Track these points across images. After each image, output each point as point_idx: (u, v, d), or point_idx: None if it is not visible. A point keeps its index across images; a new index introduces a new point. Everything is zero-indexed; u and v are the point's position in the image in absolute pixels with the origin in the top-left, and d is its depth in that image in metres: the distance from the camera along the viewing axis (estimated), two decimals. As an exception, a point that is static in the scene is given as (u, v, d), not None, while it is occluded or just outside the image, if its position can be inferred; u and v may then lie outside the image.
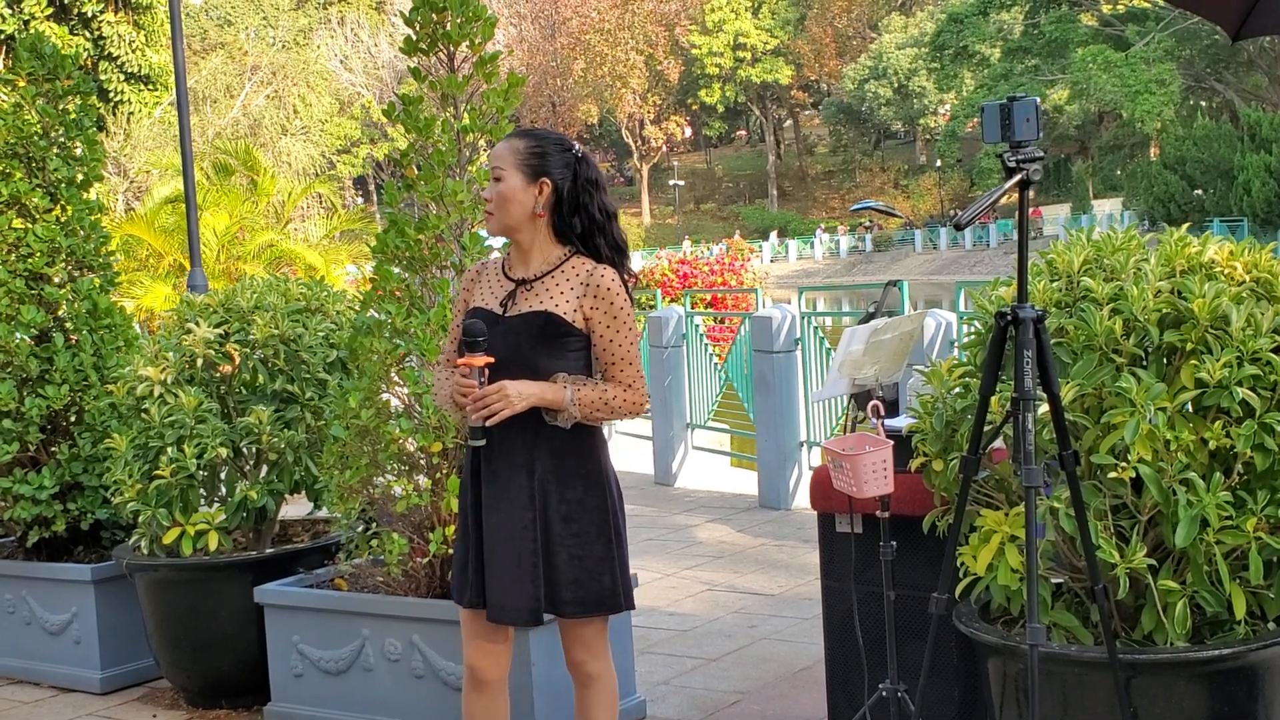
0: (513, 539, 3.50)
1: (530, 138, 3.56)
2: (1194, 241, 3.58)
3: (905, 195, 76.93)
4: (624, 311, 3.49)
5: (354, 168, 68.31)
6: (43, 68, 6.17)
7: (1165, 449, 3.28)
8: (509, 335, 3.47)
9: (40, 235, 6.02)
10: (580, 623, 3.58)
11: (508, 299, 3.53)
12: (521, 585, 3.49)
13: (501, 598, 3.52)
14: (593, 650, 3.63)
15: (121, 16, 29.95)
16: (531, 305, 3.50)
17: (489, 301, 3.56)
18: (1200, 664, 3.26)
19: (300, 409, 5.54)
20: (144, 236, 18.53)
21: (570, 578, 3.50)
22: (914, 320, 4.27)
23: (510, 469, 3.51)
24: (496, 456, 3.52)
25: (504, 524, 3.51)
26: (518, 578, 3.50)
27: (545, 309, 3.47)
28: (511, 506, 3.50)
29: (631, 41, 76.14)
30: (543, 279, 3.52)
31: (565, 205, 3.53)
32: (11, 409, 5.90)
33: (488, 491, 3.54)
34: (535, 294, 3.51)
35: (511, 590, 3.50)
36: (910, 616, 4.13)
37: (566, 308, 3.47)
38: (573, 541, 3.50)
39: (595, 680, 3.65)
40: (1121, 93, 53.89)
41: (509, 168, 3.51)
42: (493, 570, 3.53)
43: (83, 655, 5.85)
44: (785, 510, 9.17)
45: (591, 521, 3.52)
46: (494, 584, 3.53)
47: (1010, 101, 3.13)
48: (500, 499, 3.52)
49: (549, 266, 3.54)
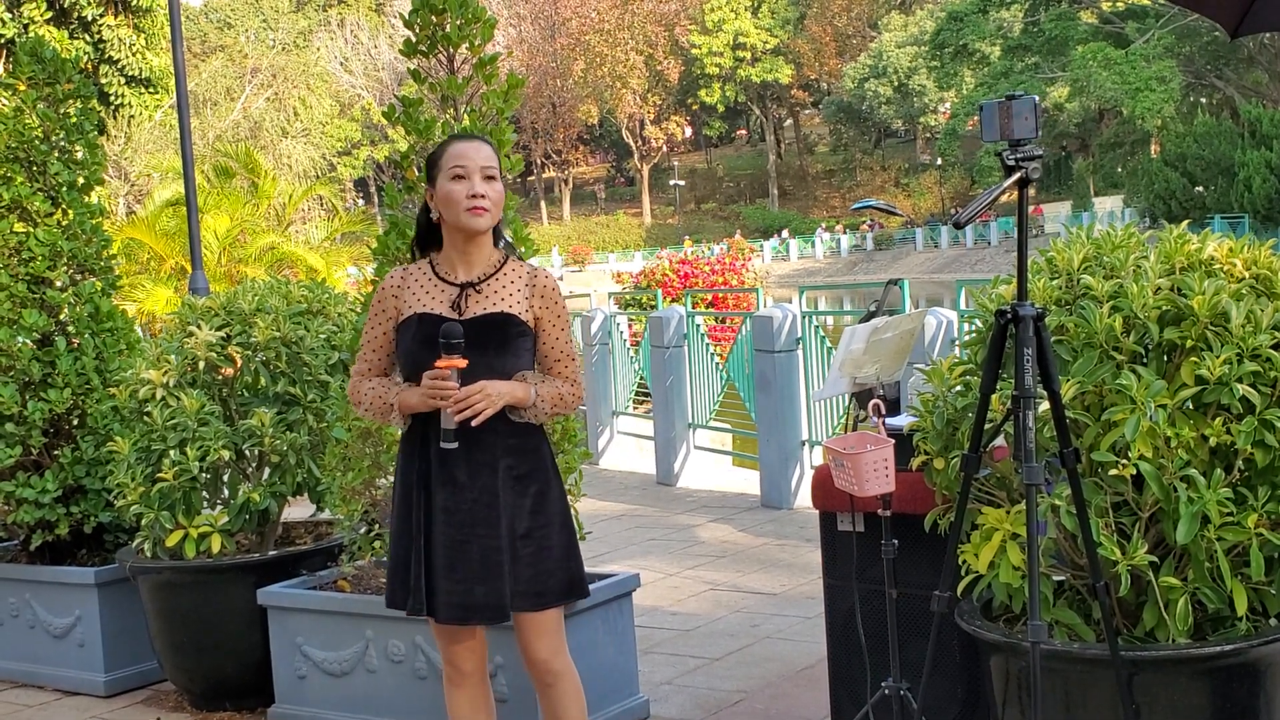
0: (480, 538, 3.51)
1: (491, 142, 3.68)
2: (1193, 239, 3.59)
3: (906, 194, 76.99)
4: (565, 309, 3.65)
5: (354, 170, 68.35)
6: (43, 72, 6.18)
7: (1166, 446, 3.28)
8: (469, 337, 3.48)
9: (42, 239, 6.03)
10: (543, 616, 3.60)
11: (457, 301, 3.55)
12: (489, 584, 3.51)
13: (467, 598, 3.51)
14: (554, 643, 3.65)
15: (121, 20, 29.95)
16: (485, 307, 3.54)
17: (434, 306, 3.56)
18: (1202, 660, 3.27)
19: (302, 411, 5.55)
20: (145, 240, 18.54)
21: (533, 572, 3.55)
22: (915, 319, 4.27)
23: (474, 469, 3.51)
24: (458, 459, 3.51)
25: (469, 525, 3.51)
26: (486, 576, 3.50)
27: (502, 310, 3.53)
28: (476, 507, 3.51)
29: (631, 42, 76.21)
30: (487, 281, 3.58)
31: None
32: (14, 413, 5.91)
33: (445, 496, 3.52)
34: (485, 296, 3.56)
35: (480, 590, 3.51)
36: (912, 615, 4.13)
37: (519, 308, 3.56)
38: (540, 534, 3.56)
39: (560, 676, 3.67)
40: (1122, 90, 53.88)
41: (498, 171, 3.59)
42: (455, 573, 3.51)
43: (86, 658, 5.86)
44: (787, 509, 9.18)
45: (555, 513, 3.60)
46: (455, 586, 3.51)
47: (1009, 100, 3.14)
48: (464, 501, 3.51)
49: (491, 269, 3.60)
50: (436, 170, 3.57)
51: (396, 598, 3.62)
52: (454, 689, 3.72)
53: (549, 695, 3.68)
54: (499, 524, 3.51)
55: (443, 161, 3.55)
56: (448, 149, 3.57)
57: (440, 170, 3.55)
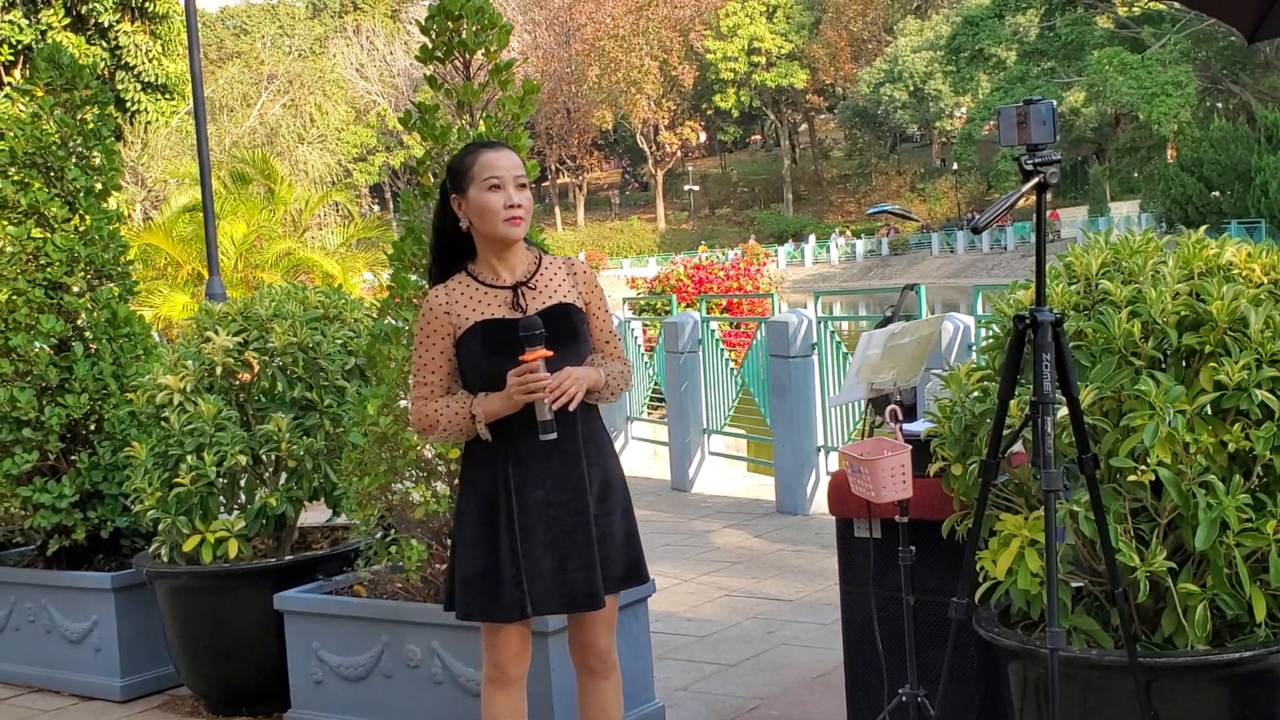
0: (584, 526, 3.55)
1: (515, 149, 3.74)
2: (1212, 243, 3.57)
3: (921, 198, 76.85)
4: (603, 291, 3.75)
5: (370, 176, 68.52)
6: (60, 77, 6.20)
7: (1184, 452, 3.27)
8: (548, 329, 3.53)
9: (59, 244, 6.05)
10: (614, 601, 3.67)
11: (515, 302, 3.57)
12: (588, 570, 3.55)
13: (588, 585, 3.55)
14: (612, 633, 3.71)
15: (138, 26, 30.05)
16: (545, 301, 3.58)
17: (493, 311, 3.56)
18: (1221, 667, 3.25)
19: (319, 416, 5.56)
20: (162, 245, 18.59)
21: (610, 555, 3.60)
22: (932, 324, 4.26)
23: (569, 458, 3.56)
24: (551, 451, 3.53)
25: (573, 513, 3.55)
26: (585, 564, 3.55)
27: (560, 301, 3.59)
28: (576, 495, 3.56)
29: (646, 47, 76.25)
30: (534, 278, 3.62)
31: None
32: (31, 418, 5.93)
33: (544, 491, 3.54)
34: (540, 292, 3.60)
35: (581, 578, 3.55)
36: (930, 621, 4.12)
37: (572, 296, 3.62)
38: (605, 521, 3.60)
39: (614, 668, 3.74)
40: (1138, 95, 53.74)
41: (525, 177, 3.63)
42: (571, 561, 3.54)
43: (103, 663, 5.87)
44: (803, 515, 9.16)
45: (619, 498, 3.66)
46: (572, 574, 3.54)
47: (1026, 104, 3.13)
48: (565, 492, 3.55)
49: (534, 266, 3.65)
50: (466, 180, 3.55)
51: (477, 607, 3.58)
52: (497, 691, 3.69)
53: (600, 688, 3.72)
54: (589, 510, 3.57)
55: (474, 171, 3.54)
56: (478, 159, 3.56)
57: (472, 180, 3.54)
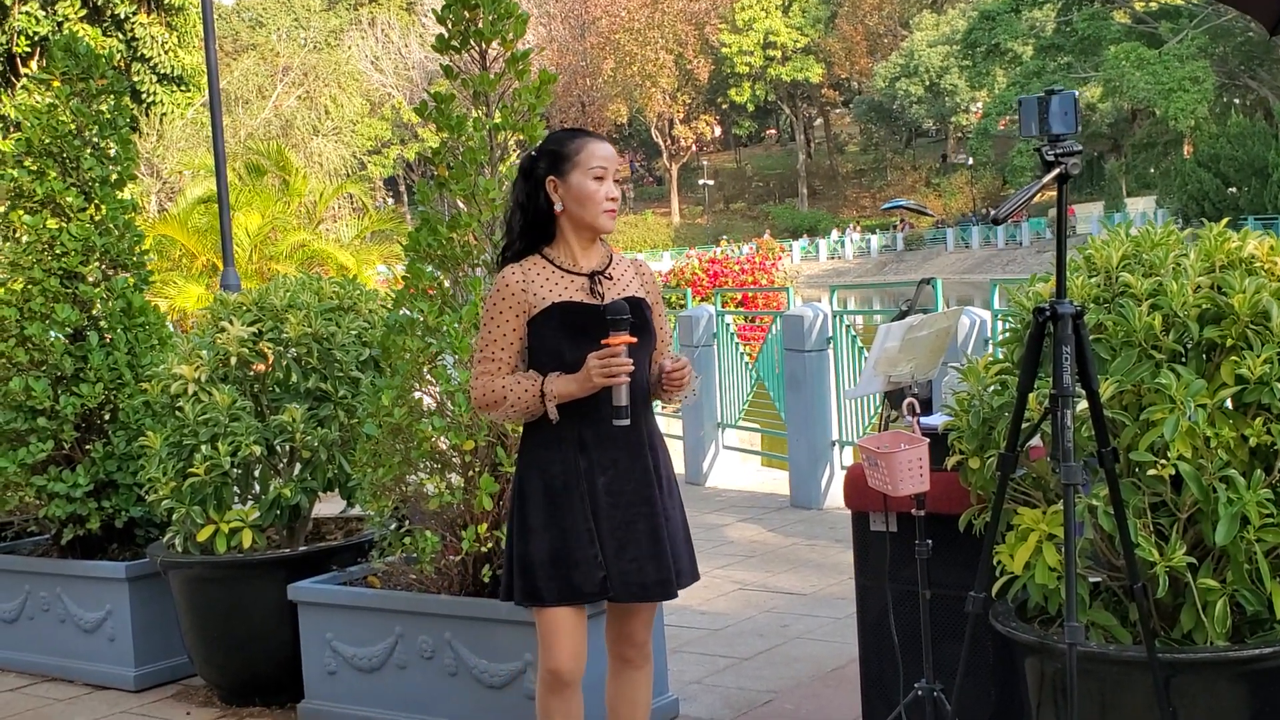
0: (645, 517, 3.58)
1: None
2: (1234, 236, 3.55)
3: (937, 194, 76.65)
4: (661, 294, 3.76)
5: (384, 168, 68.52)
6: (76, 67, 6.20)
7: (1205, 446, 3.25)
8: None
9: (74, 234, 6.05)
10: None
11: (593, 289, 3.58)
12: (658, 560, 3.58)
13: (640, 576, 3.57)
14: (650, 626, 3.76)
15: (154, 18, 30.09)
16: (620, 292, 3.61)
17: (571, 295, 3.56)
18: (1240, 663, 3.22)
19: (333, 407, 5.55)
20: (177, 237, 18.63)
21: (679, 550, 3.65)
22: (950, 317, 4.24)
23: (634, 449, 3.58)
24: (620, 440, 3.55)
25: (635, 504, 3.57)
26: (657, 554, 3.58)
27: (634, 295, 3.62)
28: (640, 485, 3.58)
29: (661, 41, 76.11)
30: (608, 269, 3.64)
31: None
32: (46, 407, 5.94)
33: (608, 479, 3.55)
34: (615, 283, 3.63)
35: (652, 566, 3.57)
36: (946, 615, 4.10)
37: (641, 293, 3.65)
38: (675, 511, 3.67)
39: (648, 660, 3.78)
40: (1155, 90, 53.52)
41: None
42: (626, 553, 3.55)
43: (117, 653, 5.88)
44: (817, 510, 9.14)
45: (677, 495, 3.71)
46: (629, 565, 3.56)
47: (1048, 95, 3.11)
48: (629, 481, 3.57)
49: (607, 258, 3.67)
50: (570, 165, 3.55)
51: (550, 592, 3.54)
52: (554, 697, 3.62)
53: (633, 679, 3.73)
54: (657, 502, 3.59)
55: (580, 158, 3.54)
56: (585, 146, 3.57)
57: (577, 166, 3.54)
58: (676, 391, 3.61)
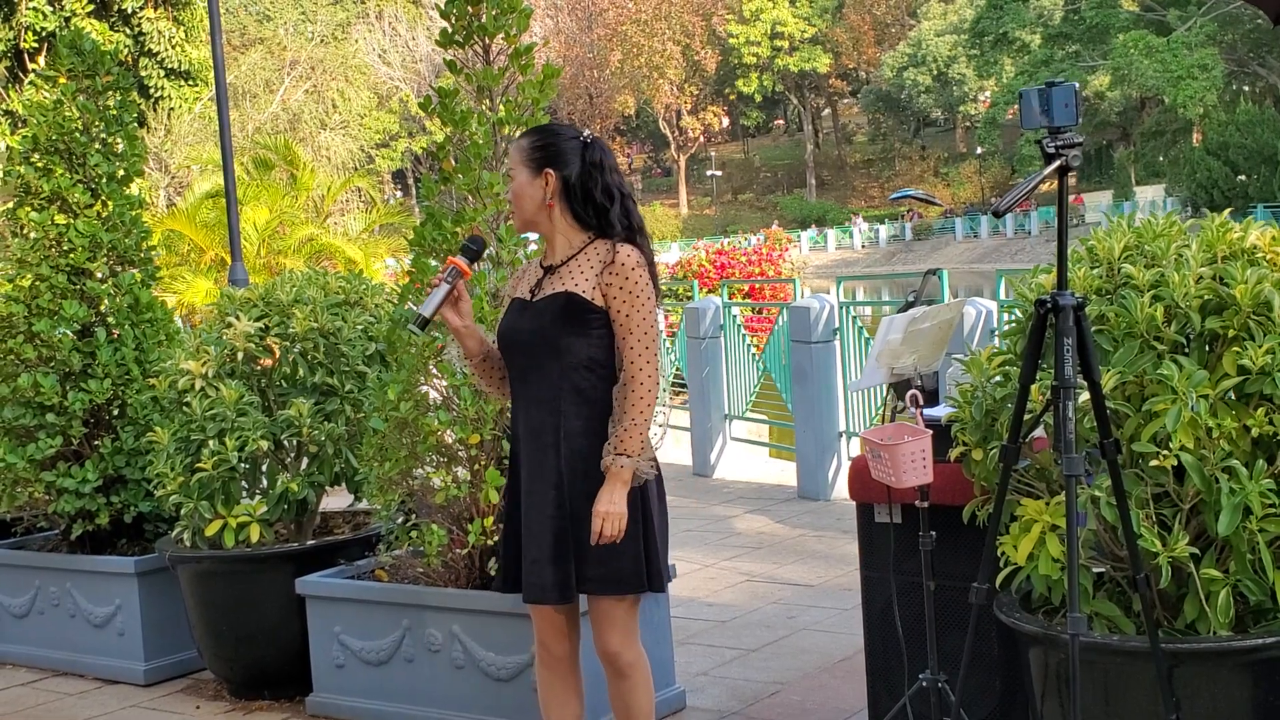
0: (543, 520, 3.59)
1: (535, 134, 3.73)
2: (1236, 227, 3.54)
3: (945, 183, 76.51)
4: (639, 286, 3.55)
5: (392, 162, 68.55)
6: (83, 64, 6.21)
7: (1207, 436, 3.25)
8: (536, 318, 3.60)
9: (82, 230, 6.07)
10: (609, 603, 3.62)
11: (536, 286, 3.67)
12: (549, 565, 3.57)
13: (534, 577, 3.60)
14: (624, 637, 3.65)
15: (161, 13, 30.11)
16: (555, 288, 3.61)
17: (522, 290, 3.71)
18: (1244, 653, 3.23)
19: (340, 402, 5.56)
20: (185, 231, 18.65)
21: (595, 556, 3.54)
22: (953, 309, 4.24)
23: (541, 450, 3.60)
24: (530, 440, 3.63)
25: (536, 504, 3.60)
26: (546, 558, 3.58)
27: (565, 289, 3.58)
28: (543, 487, 3.59)
29: (668, 32, 75.98)
30: (566, 263, 3.64)
31: (576, 191, 3.63)
32: (55, 403, 5.96)
33: (525, 474, 3.65)
34: (559, 277, 3.63)
35: (542, 570, 3.58)
36: (950, 607, 4.11)
37: (585, 286, 3.57)
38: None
39: (632, 668, 3.68)
40: (1163, 78, 53.36)
41: (516, 165, 3.68)
42: (527, 551, 3.62)
43: (126, 647, 5.91)
44: (824, 501, 9.14)
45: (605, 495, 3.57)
46: (529, 565, 3.62)
47: (1049, 87, 3.11)
48: (535, 480, 3.62)
49: (572, 251, 3.65)
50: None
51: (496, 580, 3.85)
52: (541, 668, 3.79)
53: (619, 687, 3.72)
54: (560, 505, 3.58)
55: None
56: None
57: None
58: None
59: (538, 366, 3.59)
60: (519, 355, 3.64)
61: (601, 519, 3.47)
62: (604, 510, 3.47)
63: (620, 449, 3.49)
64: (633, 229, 3.63)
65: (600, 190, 3.61)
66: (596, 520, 3.48)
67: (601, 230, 3.63)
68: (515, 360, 3.67)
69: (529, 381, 3.63)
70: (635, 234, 3.63)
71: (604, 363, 3.57)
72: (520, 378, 3.66)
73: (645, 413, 3.51)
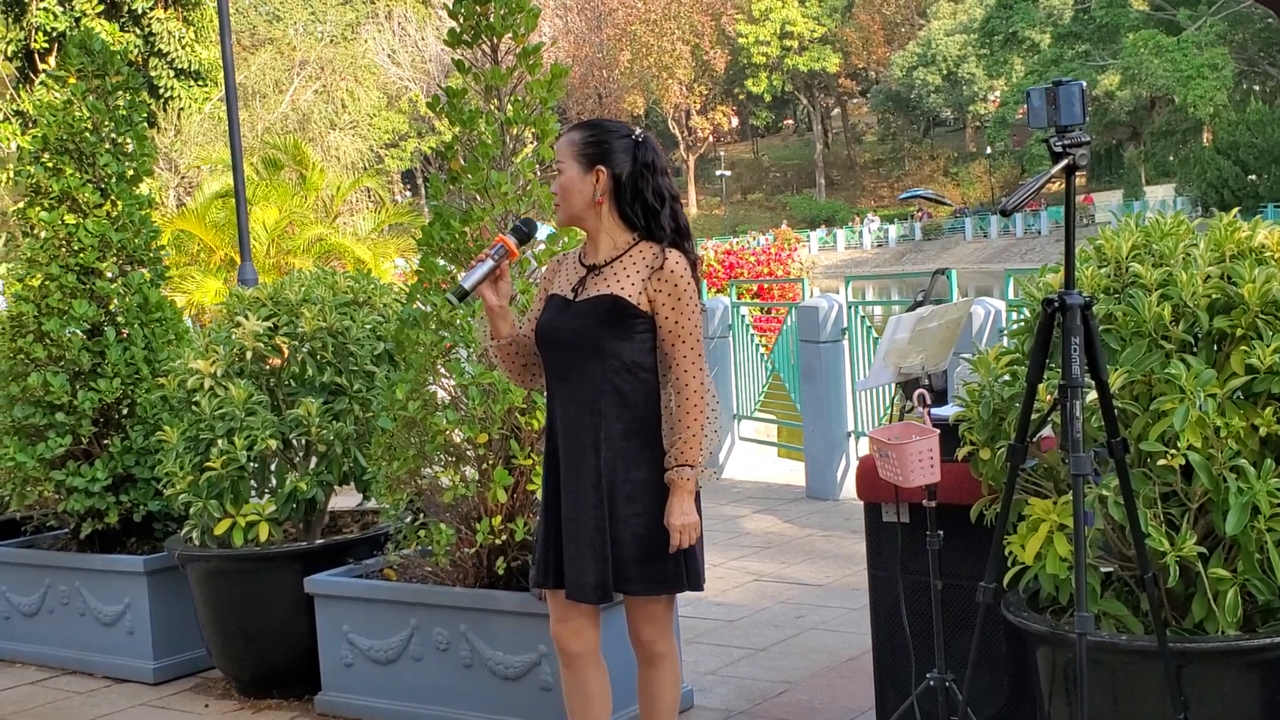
0: (582, 518, 3.58)
1: (588, 128, 3.67)
2: (1244, 226, 3.54)
3: (955, 183, 76.45)
4: (687, 294, 3.57)
5: (402, 161, 68.62)
6: (92, 64, 6.23)
7: (1215, 436, 3.25)
8: (579, 318, 3.58)
9: (91, 230, 6.09)
10: (648, 600, 3.65)
11: (579, 285, 3.64)
12: (589, 563, 3.57)
13: (573, 575, 3.61)
14: (660, 629, 3.70)
15: (171, 13, 30.17)
16: (599, 289, 3.59)
17: (563, 288, 3.68)
18: (1252, 653, 3.23)
19: (349, 401, 5.57)
20: (195, 231, 18.69)
21: (635, 556, 3.56)
22: (960, 308, 4.24)
23: (580, 450, 3.59)
24: (568, 438, 3.62)
25: (576, 504, 3.60)
26: (586, 556, 3.58)
27: (611, 292, 3.56)
28: (582, 486, 3.59)
29: (678, 32, 76.00)
30: (610, 264, 3.62)
31: (626, 191, 3.61)
32: (64, 402, 5.97)
33: (564, 473, 3.64)
34: (604, 279, 3.60)
35: (581, 568, 3.58)
36: (958, 606, 4.10)
37: (632, 290, 3.55)
38: (636, 521, 3.56)
39: (662, 659, 3.73)
40: (1173, 78, 53.32)
41: (567, 159, 3.63)
42: (567, 549, 3.62)
43: (136, 646, 5.92)
44: (833, 500, 9.14)
45: (655, 502, 3.57)
46: (568, 563, 3.62)
47: (1056, 86, 3.11)
48: (572, 479, 3.61)
49: (617, 252, 3.63)
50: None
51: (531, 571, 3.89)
52: (562, 668, 3.79)
53: (648, 675, 3.76)
54: (599, 505, 3.58)
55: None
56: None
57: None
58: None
59: (579, 366, 3.58)
60: (559, 354, 3.63)
61: (679, 532, 3.51)
62: (679, 523, 3.51)
63: (682, 459, 3.52)
64: (680, 233, 3.64)
65: (651, 191, 3.61)
66: (674, 534, 3.51)
67: (649, 232, 3.62)
68: (555, 358, 3.65)
69: (568, 380, 3.62)
70: (683, 238, 3.64)
71: (647, 366, 3.58)
72: (560, 376, 3.64)
73: (700, 420, 3.54)
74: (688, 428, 3.53)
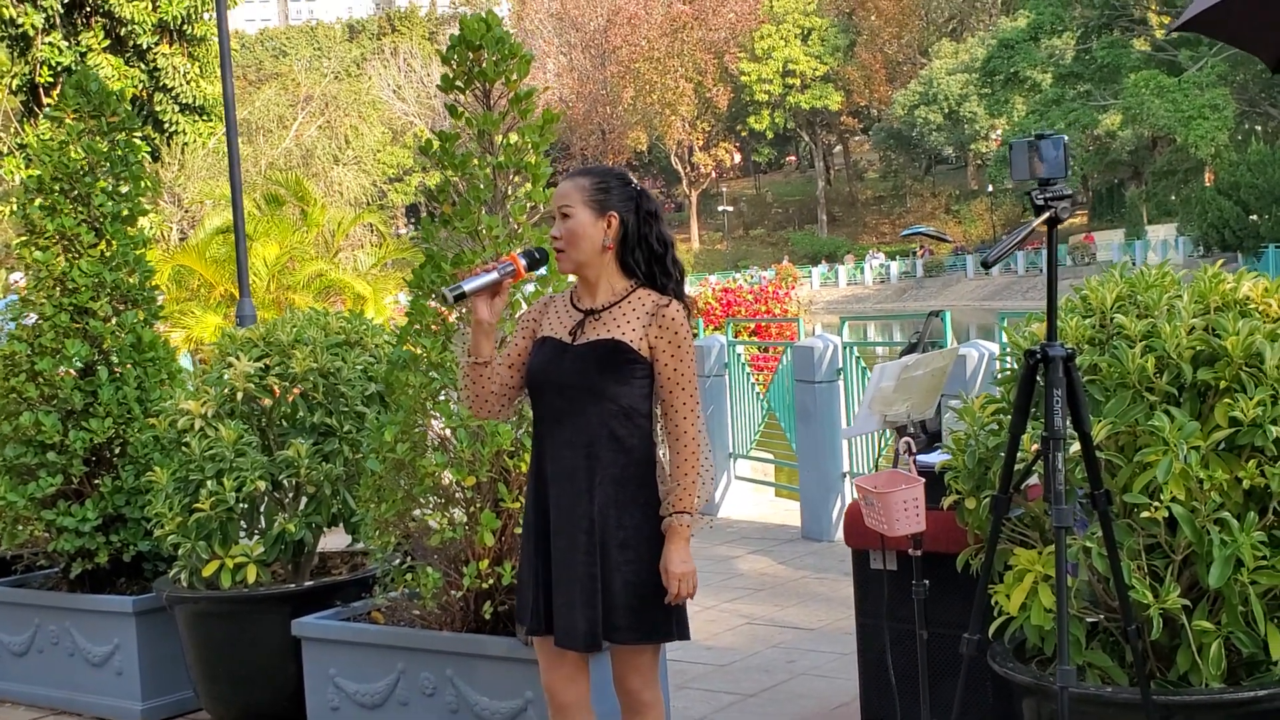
0: (573, 564, 3.56)
1: (594, 175, 3.67)
2: (1228, 278, 3.55)
3: (957, 220, 76.60)
4: (686, 342, 3.59)
5: (406, 196, 68.87)
6: (88, 104, 6.25)
7: (1199, 488, 3.24)
8: (577, 362, 3.57)
9: (85, 270, 6.10)
10: (635, 650, 3.61)
11: (577, 328, 3.62)
12: (580, 610, 3.54)
13: (563, 622, 3.58)
14: (646, 678, 3.66)
15: (176, 49, 30.28)
16: (599, 334, 3.58)
17: (558, 330, 3.65)
18: (1236, 705, 3.22)
19: (339, 442, 5.57)
20: (195, 266, 18.72)
21: (625, 604, 3.53)
22: (946, 356, 4.24)
23: (573, 495, 3.57)
24: (560, 482, 3.60)
25: (568, 549, 3.57)
26: (577, 603, 3.55)
27: (612, 337, 3.56)
28: (574, 530, 3.56)
29: (681, 69, 76.39)
30: (609, 309, 3.61)
31: (630, 238, 3.62)
32: (56, 442, 5.97)
33: (555, 517, 3.61)
34: (603, 323, 3.60)
35: (572, 615, 3.55)
36: (945, 655, 4.09)
37: (633, 336, 3.55)
38: (629, 569, 3.53)
39: (648, 709, 3.68)
40: (1175, 118, 53.46)
41: (577, 204, 3.60)
42: (557, 595, 3.59)
43: (124, 686, 5.89)
44: (828, 542, 9.11)
45: (648, 549, 3.55)
46: (558, 610, 3.59)
47: (1037, 139, 3.12)
48: (564, 523, 3.59)
49: (615, 298, 3.63)
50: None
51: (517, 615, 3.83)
52: (552, 718, 3.74)
53: None
54: (591, 551, 3.56)
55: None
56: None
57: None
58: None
59: (575, 410, 3.56)
60: (554, 396, 3.61)
61: (677, 580, 3.48)
62: (678, 572, 3.48)
63: (678, 506, 3.51)
64: (680, 281, 3.67)
65: (655, 238, 3.64)
66: (673, 582, 3.48)
67: (651, 278, 3.63)
68: (549, 401, 3.63)
69: (563, 424, 3.60)
70: (680, 285, 3.67)
71: (643, 411, 3.58)
72: (553, 419, 3.62)
73: (696, 467, 3.55)
74: (685, 474, 3.53)
